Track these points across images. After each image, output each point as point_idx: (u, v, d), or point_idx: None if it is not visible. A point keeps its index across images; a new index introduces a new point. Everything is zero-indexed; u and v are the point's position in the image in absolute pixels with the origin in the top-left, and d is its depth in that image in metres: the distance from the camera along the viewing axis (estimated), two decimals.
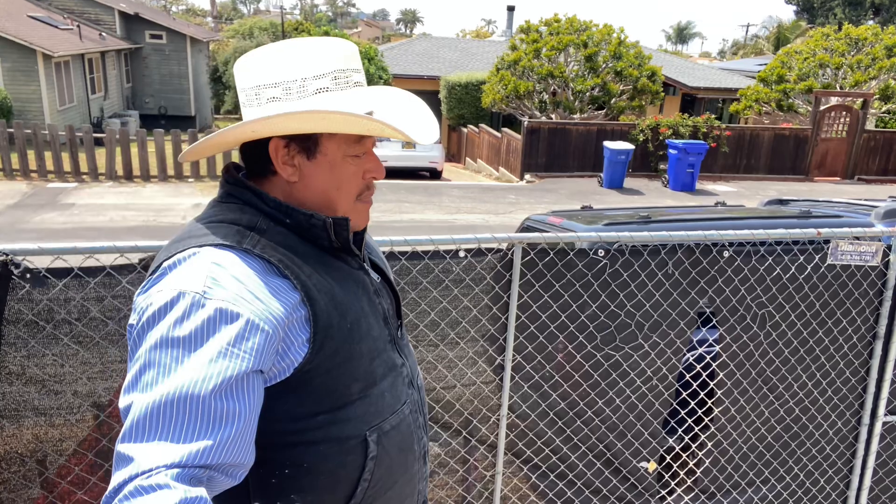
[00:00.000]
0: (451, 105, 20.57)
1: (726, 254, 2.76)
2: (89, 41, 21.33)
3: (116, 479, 0.86)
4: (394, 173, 14.36)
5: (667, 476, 3.03)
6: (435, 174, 15.14)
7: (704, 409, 2.94)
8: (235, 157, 1.25)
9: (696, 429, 2.97)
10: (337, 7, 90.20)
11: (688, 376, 2.88)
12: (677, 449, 3.02)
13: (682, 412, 2.93)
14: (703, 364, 2.90)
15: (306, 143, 1.09)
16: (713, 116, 16.69)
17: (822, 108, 16.19)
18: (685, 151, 14.09)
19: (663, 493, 3.04)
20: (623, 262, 2.63)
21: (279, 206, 1.09)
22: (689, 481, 3.06)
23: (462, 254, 2.40)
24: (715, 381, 2.90)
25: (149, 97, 25.59)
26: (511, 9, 30.56)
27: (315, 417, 1.07)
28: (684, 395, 2.90)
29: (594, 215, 4.72)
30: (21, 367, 1.93)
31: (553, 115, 17.23)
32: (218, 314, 0.94)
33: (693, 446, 3.04)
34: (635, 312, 2.70)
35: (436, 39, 24.96)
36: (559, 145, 15.43)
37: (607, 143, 14.24)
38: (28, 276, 1.85)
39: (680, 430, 2.99)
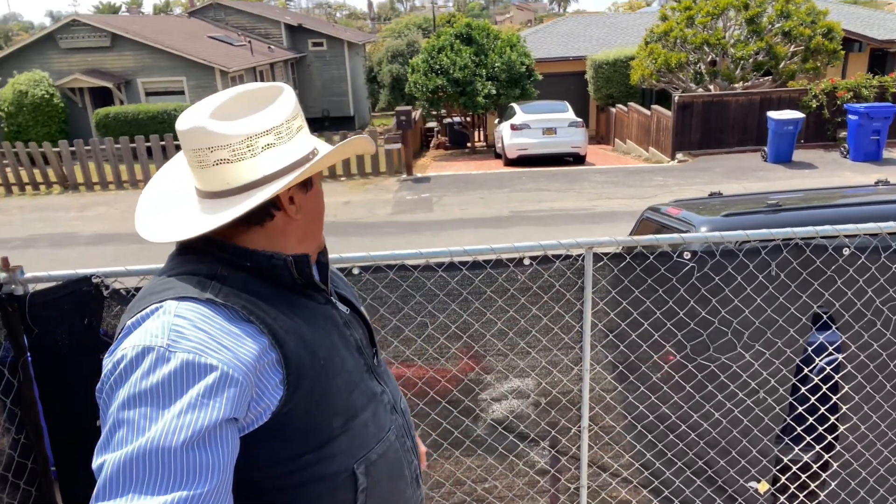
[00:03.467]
0: (598, 85, 19.82)
1: (846, 251, 2.40)
2: (259, 54, 23.37)
3: None
4: (535, 161, 14.17)
5: (782, 498, 2.72)
6: (578, 159, 14.68)
7: (827, 425, 2.59)
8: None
9: (818, 447, 2.64)
10: None
11: (803, 389, 2.56)
12: (794, 469, 2.70)
13: (799, 428, 2.61)
14: (822, 375, 2.56)
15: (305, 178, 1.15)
16: None
17: None
18: (868, 116, 12.41)
19: None
20: (715, 265, 2.39)
21: (237, 251, 1.09)
22: None
23: (526, 261, 2.32)
24: (840, 394, 2.55)
25: (313, 101, 27.51)
26: None
27: (300, 458, 1.07)
28: (800, 409, 2.58)
29: (722, 203, 4.32)
30: None
31: (711, 87, 15.97)
32: (184, 366, 0.94)
33: (814, 466, 2.70)
34: (732, 319, 2.44)
35: (582, 18, 24.16)
36: (715, 119, 14.29)
37: (771, 113, 12.93)
38: (116, 296, 2.08)
39: (797, 449, 2.67)
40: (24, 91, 17.87)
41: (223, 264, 1.09)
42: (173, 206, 1.14)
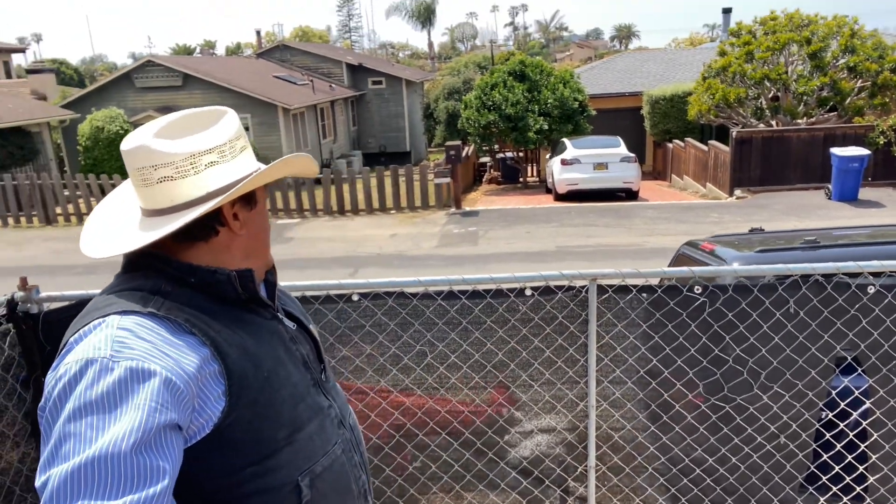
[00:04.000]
0: (654, 120, 19.58)
1: (871, 289, 2.27)
2: (321, 93, 24.19)
3: None
4: (586, 196, 14.03)
5: None
6: (631, 195, 14.44)
7: (855, 475, 2.42)
8: None
9: (846, 499, 2.46)
10: (549, 33, 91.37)
11: (828, 435, 2.41)
12: None
13: (824, 478, 2.45)
14: (848, 421, 2.40)
15: (249, 195, 1.17)
16: None
17: None
18: None
19: None
20: (727, 300, 2.29)
21: (181, 266, 1.11)
22: None
23: (528, 292, 2.29)
24: (868, 442, 2.39)
25: (371, 137, 28.20)
26: (727, 11, 28.33)
27: (245, 470, 1.08)
28: (825, 457, 2.42)
29: (760, 239, 4.16)
30: None
31: (774, 122, 15.53)
32: (129, 373, 0.94)
33: None
34: (747, 358, 2.33)
35: (639, 54, 24.06)
36: (776, 155, 13.85)
37: (835, 150, 12.45)
38: None
39: (822, 500, 2.49)
40: (100, 127, 19.00)
41: (168, 280, 1.11)
42: (117, 225, 1.17)
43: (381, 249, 10.58)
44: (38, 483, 0.89)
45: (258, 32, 35.21)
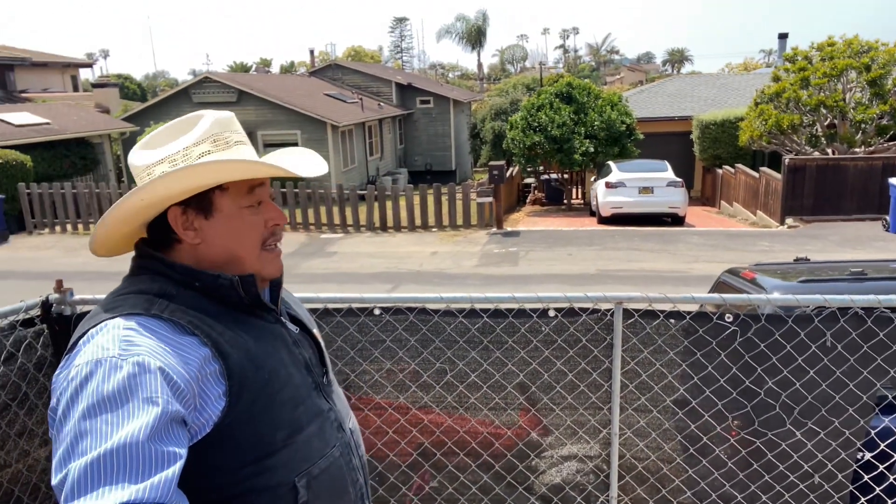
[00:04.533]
0: (704, 145, 19.22)
1: None
2: (369, 111, 24.59)
3: None
4: (630, 220, 13.82)
5: None
6: (677, 220, 14.16)
7: None
8: None
9: None
10: (600, 56, 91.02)
11: (866, 477, 2.28)
12: None
13: None
14: (889, 463, 2.27)
15: (202, 204, 1.15)
16: None
17: None
18: None
19: None
20: (761, 330, 2.21)
21: (186, 270, 1.15)
22: None
23: (552, 313, 2.25)
24: None
25: (417, 155, 28.47)
26: (783, 36, 27.71)
27: (242, 469, 1.10)
28: (863, 500, 2.29)
29: (805, 269, 4.01)
30: None
31: (829, 150, 15.06)
32: (137, 368, 0.99)
33: None
34: (780, 392, 2.24)
35: (690, 78, 23.74)
36: (830, 184, 13.41)
37: (893, 180, 12.00)
38: None
39: None
40: None
41: (173, 283, 1.15)
42: None
43: (422, 267, 10.62)
44: (55, 481, 0.92)
45: (311, 52, 36.07)
